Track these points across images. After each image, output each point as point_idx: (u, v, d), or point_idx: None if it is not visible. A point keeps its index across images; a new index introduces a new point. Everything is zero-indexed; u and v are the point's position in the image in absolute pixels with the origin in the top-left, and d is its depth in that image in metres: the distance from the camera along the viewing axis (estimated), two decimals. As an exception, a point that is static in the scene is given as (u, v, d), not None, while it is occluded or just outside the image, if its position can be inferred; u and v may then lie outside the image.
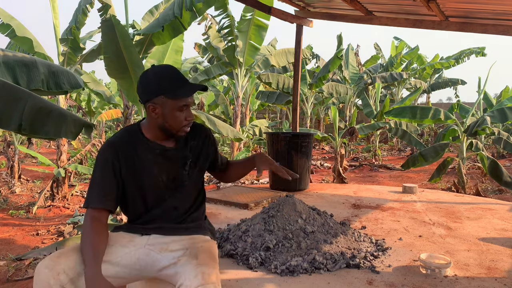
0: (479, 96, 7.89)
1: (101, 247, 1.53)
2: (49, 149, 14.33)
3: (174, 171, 1.74)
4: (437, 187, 7.17)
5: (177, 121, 1.65)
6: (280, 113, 19.73)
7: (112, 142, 1.69)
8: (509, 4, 3.40)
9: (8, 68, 3.00)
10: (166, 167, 1.72)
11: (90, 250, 1.48)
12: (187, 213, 1.78)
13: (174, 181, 1.74)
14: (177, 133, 1.68)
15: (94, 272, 1.42)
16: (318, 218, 2.69)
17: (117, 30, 3.86)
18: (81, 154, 7.35)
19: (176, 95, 1.61)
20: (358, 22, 4.92)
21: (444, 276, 2.24)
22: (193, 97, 1.69)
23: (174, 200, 1.75)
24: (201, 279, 1.44)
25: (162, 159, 1.72)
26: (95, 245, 1.50)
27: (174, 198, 1.75)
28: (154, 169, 1.70)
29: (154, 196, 1.72)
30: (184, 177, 1.76)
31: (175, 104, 1.62)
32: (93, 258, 1.46)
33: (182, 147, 1.77)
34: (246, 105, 9.72)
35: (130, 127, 1.78)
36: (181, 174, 1.75)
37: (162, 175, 1.71)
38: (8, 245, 4.26)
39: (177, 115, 1.64)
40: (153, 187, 1.71)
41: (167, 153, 1.72)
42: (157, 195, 1.72)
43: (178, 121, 1.65)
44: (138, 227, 1.74)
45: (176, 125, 1.66)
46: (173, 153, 1.74)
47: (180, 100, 1.62)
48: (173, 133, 1.68)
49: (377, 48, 17.10)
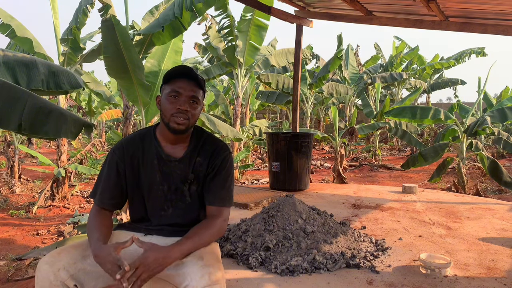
0: (479, 96, 7.90)
1: (105, 231, 1.58)
2: (49, 149, 14.33)
3: (175, 184, 1.70)
4: (437, 187, 7.17)
5: (167, 108, 1.63)
6: (280, 113, 19.73)
7: (121, 143, 1.72)
8: (509, 4, 3.40)
9: (8, 68, 3.00)
10: (168, 176, 1.70)
11: (95, 233, 1.54)
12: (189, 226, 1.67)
13: (175, 193, 1.71)
14: (169, 123, 1.63)
15: (99, 245, 1.45)
16: (318, 218, 2.70)
17: (117, 30, 3.86)
18: (81, 154, 7.34)
19: (169, 78, 1.65)
20: (358, 22, 4.92)
21: (444, 276, 2.24)
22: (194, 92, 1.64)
23: (173, 215, 1.71)
24: (208, 280, 1.44)
25: (165, 167, 1.70)
26: (99, 229, 1.57)
27: (174, 212, 1.71)
28: (156, 176, 1.69)
29: (154, 204, 1.71)
30: (185, 192, 1.71)
31: (168, 89, 1.64)
32: (98, 238, 1.50)
33: (187, 162, 1.70)
34: (246, 105, 9.72)
35: (145, 129, 1.79)
36: (181, 188, 1.71)
37: (163, 183, 1.69)
38: (8, 245, 4.26)
39: (168, 101, 1.62)
40: (153, 194, 1.70)
41: (170, 164, 1.70)
42: (157, 203, 1.71)
43: (168, 108, 1.62)
44: (141, 226, 1.74)
45: (166, 112, 1.63)
46: (176, 165, 1.70)
47: (171, 83, 1.63)
48: (167, 122, 1.64)
49: (377, 48, 17.10)
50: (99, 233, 1.55)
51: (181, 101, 1.62)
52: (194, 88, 1.65)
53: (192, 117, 1.65)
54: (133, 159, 1.69)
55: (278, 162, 4.74)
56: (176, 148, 1.71)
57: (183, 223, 1.70)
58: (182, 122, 1.62)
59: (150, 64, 5.20)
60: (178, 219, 1.71)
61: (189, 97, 1.63)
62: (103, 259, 1.40)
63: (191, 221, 1.69)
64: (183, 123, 1.63)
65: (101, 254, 1.41)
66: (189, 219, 1.72)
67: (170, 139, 1.70)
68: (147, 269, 1.37)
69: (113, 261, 1.37)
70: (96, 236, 1.52)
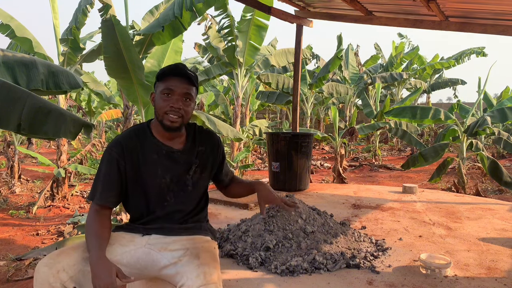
0: (479, 96, 7.90)
1: (104, 235, 1.58)
2: (49, 149, 14.33)
3: (177, 174, 1.73)
4: (437, 187, 7.17)
5: (160, 105, 1.64)
6: (280, 113, 19.73)
7: (119, 140, 1.72)
8: (509, 4, 3.40)
9: (7, 68, 2.99)
10: (170, 168, 1.72)
11: (93, 238, 1.54)
12: (189, 215, 1.78)
13: (177, 184, 1.74)
14: (162, 121, 1.65)
15: (98, 256, 1.45)
16: (318, 218, 2.69)
17: (117, 30, 3.86)
18: (81, 154, 7.35)
19: (162, 75, 1.66)
20: (358, 22, 4.92)
21: (444, 276, 2.24)
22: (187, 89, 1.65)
23: (176, 203, 1.74)
24: (203, 279, 1.44)
25: (167, 160, 1.71)
26: (98, 233, 1.56)
27: (176, 201, 1.74)
28: (158, 169, 1.70)
29: (156, 197, 1.72)
30: (188, 181, 1.75)
31: (161, 86, 1.65)
32: (97, 245, 1.50)
33: (189, 151, 1.76)
34: (246, 105, 9.71)
35: (139, 125, 1.79)
36: (184, 178, 1.74)
37: (165, 176, 1.71)
38: (8, 245, 4.26)
39: (162, 99, 1.64)
40: (156, 187, 1.71)
41: (172, 155, 1.72)
42: (159, 196, 1.72)
43: (161, 105, 1.64)
44: (139, 227, 1.74)
45: (159, 109, 1.65)
46: (179, 155, 1.73)
47: (165, 81, 1.64)
48: (160, 120, 1.66)
49: (377, 48, 17.10)
50: (99, 239, 1.54)
51: (174, 99, 1.64)
52: (187, 85, 1.66)
53: (185, 114, 1.67)
54: (132, 155, 1.69)
55: (278, 162, 4.73)
56: (174, 142, 1.75)
57: (186, 210, 1.76)
58: (175, 120, 1.65)
59: (150, 64, 5.21)
60: (180, 206, 1.76)
61: (182, 94, 1.65)
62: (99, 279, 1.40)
63: (193, 208, 1.77)
64: (176, 121, 1.65)
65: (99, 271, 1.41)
66: (190, 206, 1.78)
67: (166, 135, 1.72)
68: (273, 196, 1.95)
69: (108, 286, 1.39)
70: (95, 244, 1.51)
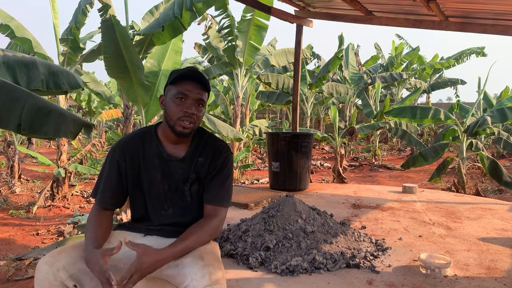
0: (479, 96, 7.90)
1: (102, 231, 1.60)
2: (49, 149, 14.33)
3: (175, 183, 1.70)
4: (437, 187, 7.17)
5: (173, 110, 1.61)
6: (280, 113, 19.73)
7: (122, 142, 1.72)
8: (508, 4, 3.40)
9: (8, 68, 3.00)
10: (169, 176, 1.70)
11: (89, 233, 1.57)
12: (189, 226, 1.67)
13: (176, 193, 1.71)
14: (174, 126, 1.62)
15: (90, 250, 1.47)
16: (318, 218, 2.70)
17: (117, 30, 3.86)
18: (81, 154, 7.35)
19: (175, 79, 1.63)
20: (358, 22, 4.92)
21: (444, 276, 2.24)
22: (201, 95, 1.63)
23: (174, 214, 1.71)
24: (208, 280, 1.43)
25: (166, 167, 1.69)
26: (96, 229, 1.58)
27: (174, 212, 1.71)
28: (157, 175, 1.69)
29: (154, 203, 1.71)
30: (186, 192, 1.70)
31: (174, 90, 1.62)
32: (91, 239, 1.53)
33: (188, 162, 1.70)
34: (246, 105, 9.71)
35: (147, 128, 1.78)
36: (182, 188, 1.70)
37: (164, 183, 1.69)
38: (8, 245, 4.26)
39: (175, 103, 1.61)
40: (154, 193, 1.70)
41: (171, 163, 1.69)
42: (157, 202, 1.70)
43: (174, 110, 1.61)
44: (141, 226, 1.74)
45: (172, 115, 1.61)
46: (177, 165, 1.69)
47: (177, 85, 1.62)
48: (172, 125, 1.63)
49: (377, 48, 17.11)
50: (94, 233, 1.56)
51: (187, 104, 1.61)
52: (201, 90, 1.64)
53: (197, 120, 1.65)
54: (134, 158, 1.68)
55: (278, 162, 4.73)
56: (177, 148, 1.71)
57: (184, 222, 1.69)
58: (188, 126, 1.62)
59: (150, 64, 5.20)
60: (178, 218, 1.71)
61: (196, 99, 1.62)
62: (91, 267, 1.41)
63: (192, 221, 1.67)
64: (189, 127, 1.62)
65: (90, 260, 1.43)
66: (189, 218, 1.71)
67: (173, 140, 1.70)
68: (141, 274, 1.40)
69: (100, 271, 1.38)
70: (90, 237, 1.54)
